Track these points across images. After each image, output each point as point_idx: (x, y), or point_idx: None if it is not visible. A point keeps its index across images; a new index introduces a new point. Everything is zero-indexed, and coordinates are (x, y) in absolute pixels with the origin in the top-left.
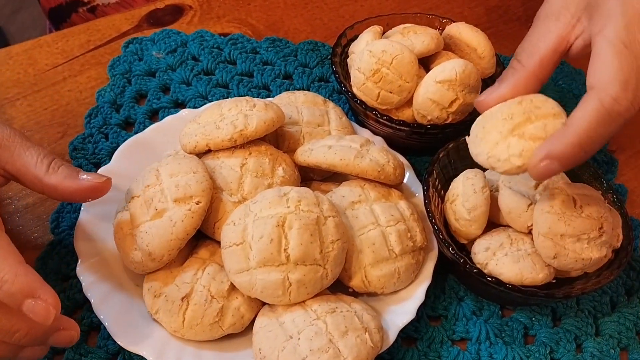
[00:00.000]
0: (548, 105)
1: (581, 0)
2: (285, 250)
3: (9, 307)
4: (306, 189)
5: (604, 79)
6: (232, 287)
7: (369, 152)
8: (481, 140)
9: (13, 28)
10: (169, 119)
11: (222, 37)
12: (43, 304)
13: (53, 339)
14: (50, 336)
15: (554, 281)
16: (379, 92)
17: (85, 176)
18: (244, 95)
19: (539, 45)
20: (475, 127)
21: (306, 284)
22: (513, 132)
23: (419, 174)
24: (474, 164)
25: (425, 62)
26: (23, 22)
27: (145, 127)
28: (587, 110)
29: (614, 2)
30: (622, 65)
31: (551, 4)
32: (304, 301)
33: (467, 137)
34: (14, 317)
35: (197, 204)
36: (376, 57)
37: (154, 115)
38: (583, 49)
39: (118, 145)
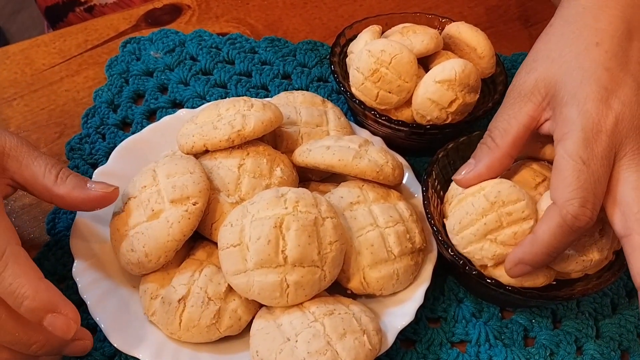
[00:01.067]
0: (518, 208)
1: (548, 86)
2: (282, 251)
3: (27, 319)
4: (304, 189)
5: (565, 196)
6: (230, 289)
7: (367, 152)
8: (457, 235)
9: (13, 28)
10: (166, 119)
11: (220, 36)
12: (64, 318)
13: (68, 349)
14: (66, 347)
15: (554, 283)
16: (378, 92)
17: (93, 186)
18: (242, 95)
19: (511, 124)
20: (452, 219)
21: (304, 285)
22: (486, 237)
23: (418, 175)
24: None
25: (425, 62)
26: (23, 22)
27: (142, 127)
28: (551, 225)
29: (573, 110)
30: (580, 184)
31: (522, 83)
32: (301, 303)
33: (445, 220)
34: (31, 329)
35: (194, 204)
36: (375, 57)
37: (151, 116)
38: (550, 132)
39: (115, 146)
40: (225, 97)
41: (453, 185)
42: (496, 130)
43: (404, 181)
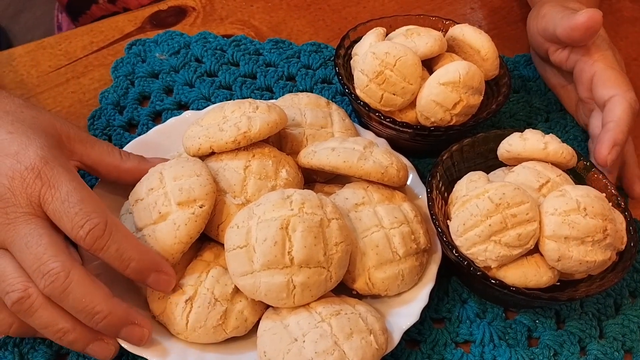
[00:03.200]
0: (523, 210)
1: None
2: (289, 252)
3: (95, 290)
4: (309, 191)
5: (623, 88)
6: (236, 290)
7: (372, 154)
8: (461, 236)
9: (16, 29)
10: (172, 120)
11: (225, 38)
12: (166, 275)
13: (125, 332)
14: (124, 327)
15: (558, 283)
16: (382, 94)
17: (151, 159)
18: (247, 97)
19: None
20: (456, 220)
21: (310, 286)
22: (491, 238)
23: (422, 176)
24: (477, 166)
25: (429, 64)
26: (26, 22)
27: (148, 128)
28: (623, 107)
29: None
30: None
31: None
32: (308, 304)
33: (448, 221)
34: (96, 297)
35: (200, 207)
36: (379, 59)
37: (157, 117)
38: None
39: (121, 147)
40: (230, 99)
41: (457, 186)
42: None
43: (408, 182)
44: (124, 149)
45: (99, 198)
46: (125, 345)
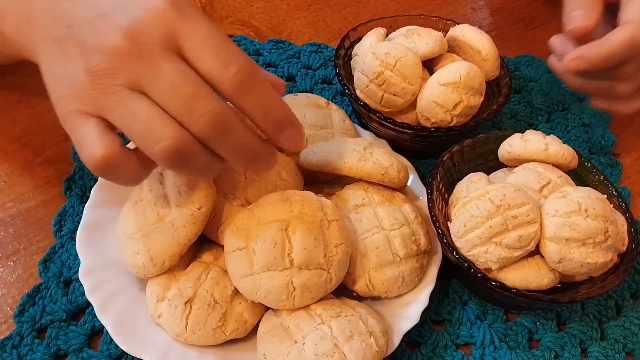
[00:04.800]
0: (524, 212)
1: None
2: (289, 254)
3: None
4: (310, 192)
5: (637, 18)
6: (236, 292)
7: (372, 154)
8: (461, 238)
9: None
10: None
11: None
12: (298, 130)
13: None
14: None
15: (559, 285)
16: (383, 95)
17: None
18: None
19: None
20: (456, 222)
21: (310, 288)
22: (491, 240)
23: (422, 177)
24: (478, 167)
25: (429, 65)
26: None
27: None
28: (623, 36)
29: None
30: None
31: None
32: (308, 306)
33: (449, 223)
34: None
35: (199, 209)
36: (380, 60)
37: None
38: None
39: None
40: None
41: (458, 188)
42: None
43: (408, 183)
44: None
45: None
46: (124, 347)
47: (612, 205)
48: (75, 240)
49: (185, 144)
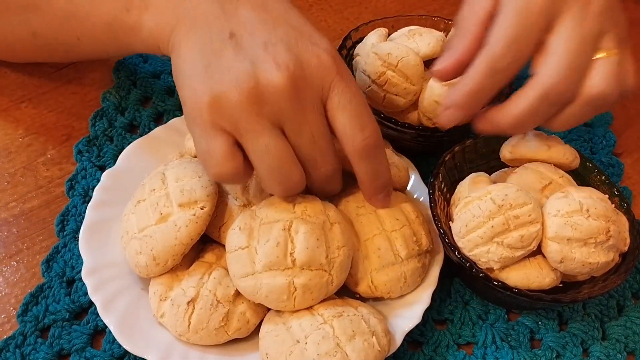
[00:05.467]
0: (525, 212)
1: None
2: (291, 254)
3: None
4: (313, 196)
5: (493, 37)
6: (238, 292)
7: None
8: (463, 237)
9: None
10: (174, 121)
11: None
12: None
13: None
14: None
15: (561, 285)
16: (385, 95)
17: None
18: None
19: (475, 11)
20: (458, 222)
21: (311, 289)
22: (493, 239)
23: (424, 177)
24: (479, 167)
25: (431, 65)
26: None
27: (150, 129)
28: (479, 63)
29: None
30: (508, 27)
31: None
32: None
33: (451, 223)
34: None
35: (201, 209)
36: (381, 60)
37: (159, 118)
38: None
39: (123, 148)
40: None
41: (459, 188)
42: (463, 20)
43: (410, 183)
44: (126, 150)
45: None
46: (127, 346)
47: (613, 205)
48: (78, 240)
49: (300, 188)
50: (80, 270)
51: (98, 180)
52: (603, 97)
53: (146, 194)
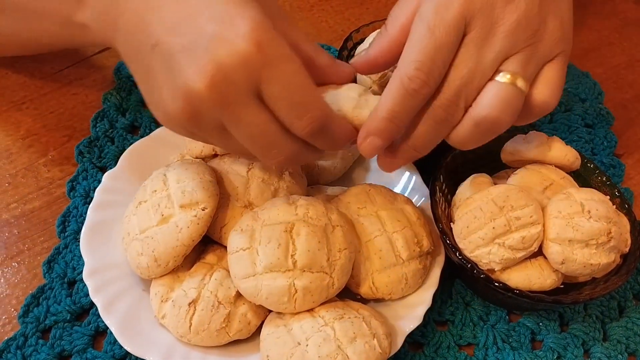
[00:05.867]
0: (527, 213)
1: None
2: (292, 256)
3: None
4: (315, 198)
5: (405, 59)
6: (239, 293)
7: (367, 102)
8: (465, 238)
9: None
10: None
11: None
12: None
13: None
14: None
15: (562, 286)
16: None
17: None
18: None
19: (400, 13)
20: (459, 223)
21: (312, 291)
22: (494, 241)
23: (425, 178)
24: (481, 169)
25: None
26: None
27: (151, 130)
28: (391, 88)
29: None
30: (420, 48)
31: None
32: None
33: (452, 224)
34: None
35: (203, 210)
36: None
37: None
38: None
39: (124, 149)
40: None
41: (460, 189)
42: (389, 19)
43: (411, 185)
44: (127, 151)
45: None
46: (128, 348)
47: (614, 207)
48: (79, 241)
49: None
50: (81, 272)
51: (99, 182)
52: (489, 121)
53: (147, 195)
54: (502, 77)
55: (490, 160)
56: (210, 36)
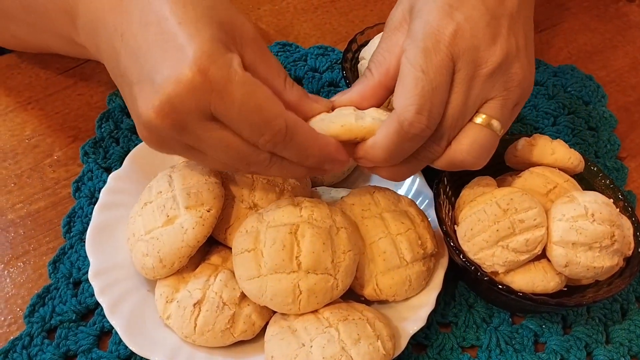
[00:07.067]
0: (530, 216)
1: (411, 12)
2: (297, 257)
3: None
4: (320, 200)
5: (403, 103)
6: (244, 294)
7: (365, 113)
8: (468, 241)
9: None
10: None
11: None
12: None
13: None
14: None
15: (565, 289)
16: (390, 98)
17: (312, 97)
18: None
19: (385, 56)
20: (463, 225)
21: (316, 293)
22: (498, 243)
23: (429, 181)
24: (484, 171)
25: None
26: None
27: None
28: (390, 130)
29: (418, 22)
30: (418, 91)
31: (392, 17)
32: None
33: (456, 226)
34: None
35: (208, 211)
36: None
37: None
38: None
39: (129, 150)
40: None
41: (464, 192)
42: (372, 62)
43: (415, 187)
44: (132, 152)
45: (270, 96)
46: (133, 348)
47: (618, 210)
48: (84, 242)
49: None
50: (86, 272)
51: (104, 182)
52: (464, 164)
53: (153, 196)
54: (480, 119)
55: (494, 162)
56: (159, 67)
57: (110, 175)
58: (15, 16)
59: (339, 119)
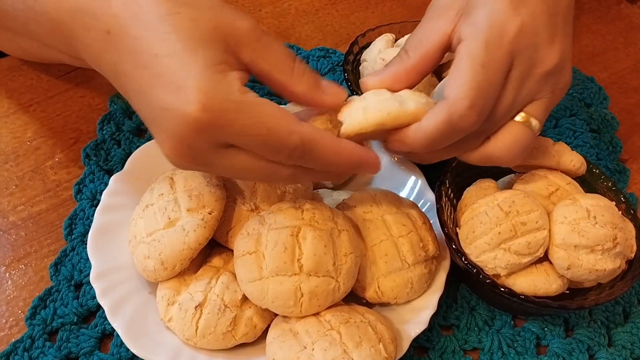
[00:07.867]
0: (532, 218)
1: (461, 0)
2: (298, 260)
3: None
4: (322, 202)
5: (456, 94)
6: (246, 297)
7: (403, 96)
8: (470, 244)
9: None
10: None
11: None
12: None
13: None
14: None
15: (567, 292)
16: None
17: (326, 85)
18: None
19: (425, 40)
20: (465, 227)
21: (318, 295)
22: (500, 246)
23: (431, 183)
24: (486, 174)
25: (438, 70)
26: None
27: None
28: (438, 119)
29: (482, 12)
30: (474, 85)
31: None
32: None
33: (458, 229)
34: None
35: (209, 213)
36: None
37: None
38: (458, 45)
39: (131, 152)
40: None
41: (466, 194)
42: (410, 44)
43: (416, 189)
44: (134, 154)
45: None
46: (134, 350)
47: (620, 212)
48: (85, 244)
49: None
50: (88, 274)
51: (106, 184)
52: (499, 161)
53: (154, 198)
54: (521, 117)
55: (495, 165)
56: (165, 112)
57: (112, 178)
58: (22, 34)
59: (382, 104)
